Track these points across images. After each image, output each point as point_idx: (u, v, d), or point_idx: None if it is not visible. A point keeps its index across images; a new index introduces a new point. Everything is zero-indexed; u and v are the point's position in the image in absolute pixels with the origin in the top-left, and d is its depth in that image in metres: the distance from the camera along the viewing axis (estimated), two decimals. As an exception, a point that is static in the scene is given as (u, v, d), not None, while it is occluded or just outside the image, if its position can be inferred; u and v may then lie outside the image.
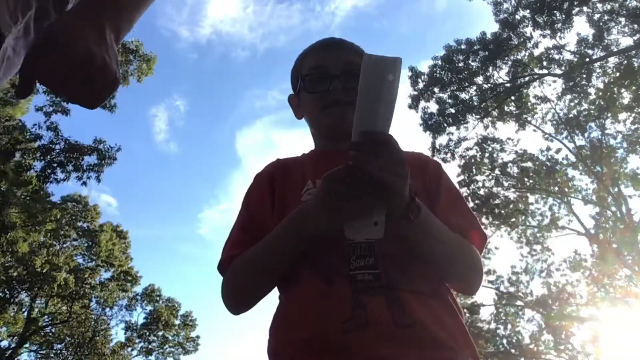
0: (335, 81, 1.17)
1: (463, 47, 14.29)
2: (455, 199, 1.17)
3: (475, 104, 14.74)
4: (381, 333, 0.90)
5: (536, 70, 14.54)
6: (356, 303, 0.93)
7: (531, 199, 16.95)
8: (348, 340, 0.90)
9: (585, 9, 13.05)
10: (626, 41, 13.15)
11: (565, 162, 16.75)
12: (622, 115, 14.84)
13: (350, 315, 0.91)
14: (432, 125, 14.59)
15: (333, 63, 1.20)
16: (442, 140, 15.11)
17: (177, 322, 25.66)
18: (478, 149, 15.67)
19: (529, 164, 16.59)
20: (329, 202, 0.93)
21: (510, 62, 14.25)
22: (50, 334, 21.29)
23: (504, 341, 17.47)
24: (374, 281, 0.96)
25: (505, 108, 15.23)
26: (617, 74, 13.09)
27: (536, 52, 14.08)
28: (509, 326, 17.51)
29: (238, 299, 1.12)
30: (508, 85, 14.68)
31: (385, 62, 0.88)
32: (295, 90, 1.32)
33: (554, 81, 14.79)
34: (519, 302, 17.63)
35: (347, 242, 0.98)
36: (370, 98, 0.88)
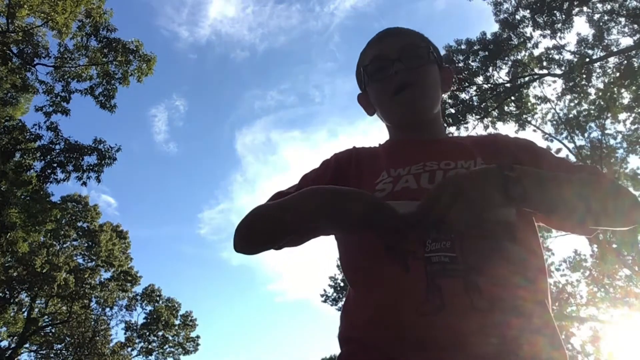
0: (397, 64, 1.15)
1: (463, 47, 14.27)
2: (558, 160, 1.12)
3: (475, 104, 14.71)
4: (459, 317, 0.86)
5: (536, 70, 14.53)
6: (431, 285, 0.89)
7: (531, 199, 16.93)
8: (423, 324, 0.86)
9: (585, 9, 13.04)
10: (626, 41, 13.15)
11: (565, 162, 16.78)
12: (622, 116, 14.84)
13: (425, 297, 0.88)
14: (432, 125, 14.57)
15: (392, 49, 1.18)
16: (442, 140, 15.10)
17: (177, 322, 25.68)
18: (478, 149, 15.65)
19: (529, 164, 16.57)
20: (374, 223, 0.91)
21: (510, 62, 14.23)
22: (50, 334, 21.31)
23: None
24: (450, 263, 0.91)
25: (505, 108, 15.21)
26: (617, 74, 13.09)
27: (536, 52, 14.08)
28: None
29: (243, 233, 1.09)
30: (508, 85, 14.67)
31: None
32: (361, 88, 1.30)
33: (554, 81, 14.78)
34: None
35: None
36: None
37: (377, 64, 1.20)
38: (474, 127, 15.00)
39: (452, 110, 14.48)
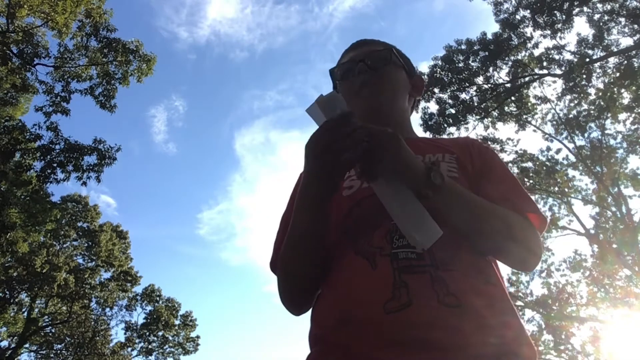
0: (360, 64, 1.23)
1: (463, 47, 14.26)
2: (505, 177, 1.13)
3: (476, 104, 14.71)
4: (426, 313, 0.86)
5: (536, 71, 14.53)
6: (398, 282, 0.89)
7: (531, 199, 16.92)
8: (391, 321, 0.86)
9: (585, 9, 13.04)
10: (626, 41, 13.15)
11: (565, 162, 16.79)
12: (622, 116, 14.85)
13: (392, 295, 0.88)
14: (432, 125, 14.57)
15: (358, 55, 1.27)
16: (442, 140, 15.07)
17: (177, 322, 25.65)
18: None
19: (529, 164, 16.60)
20: (314, 157, 0.94)
21: (510, 63, 14.23)
22: (50, 334, 21.29)
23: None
24: (417, 259, 0.92)
25: (506, 108, 15.22)
26: (617, 74, 13.08)
27: (536, 52, 14.08)
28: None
29: (291, 292, 1.09)
30: (508, 85, 14.66)
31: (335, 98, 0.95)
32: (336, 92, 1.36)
33: (554, 81, 14.78)
34: (519, 302, 17.61)
35: (390, 222, 0.95)
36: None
37: (344, 67, 1.29)
38: (474, 127, 15.02)
39: (452, 111, 14.47)
